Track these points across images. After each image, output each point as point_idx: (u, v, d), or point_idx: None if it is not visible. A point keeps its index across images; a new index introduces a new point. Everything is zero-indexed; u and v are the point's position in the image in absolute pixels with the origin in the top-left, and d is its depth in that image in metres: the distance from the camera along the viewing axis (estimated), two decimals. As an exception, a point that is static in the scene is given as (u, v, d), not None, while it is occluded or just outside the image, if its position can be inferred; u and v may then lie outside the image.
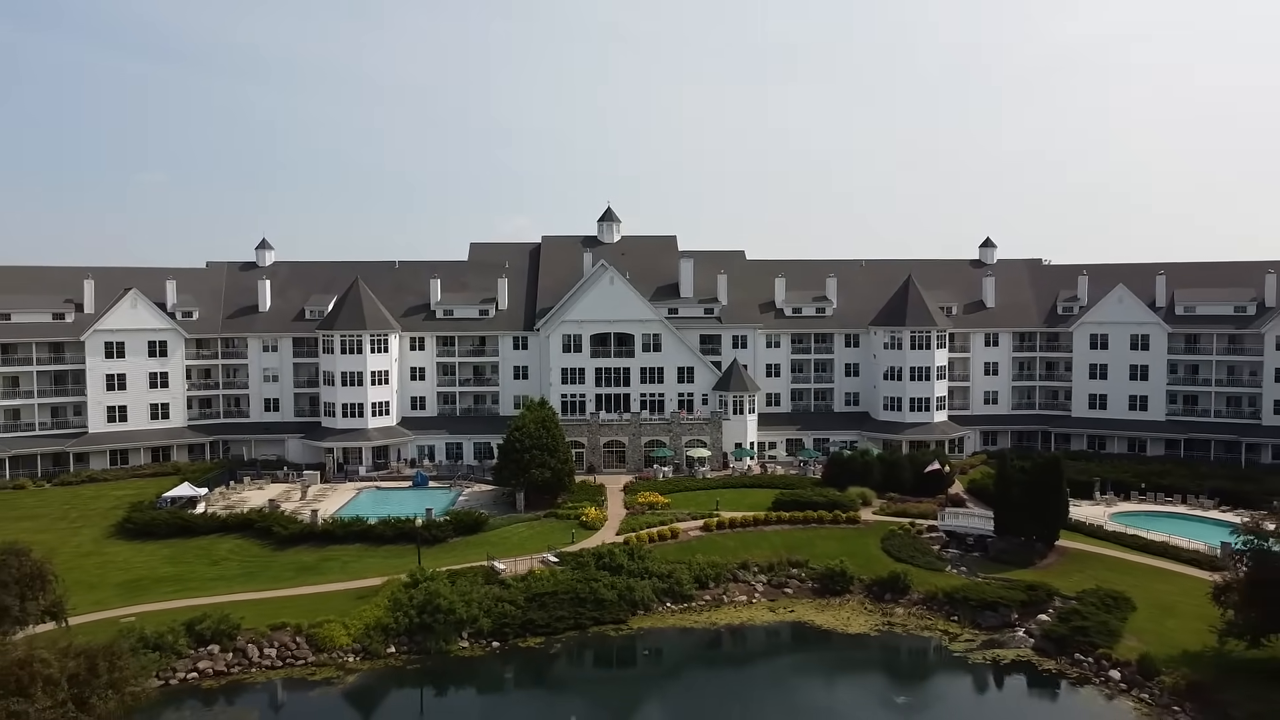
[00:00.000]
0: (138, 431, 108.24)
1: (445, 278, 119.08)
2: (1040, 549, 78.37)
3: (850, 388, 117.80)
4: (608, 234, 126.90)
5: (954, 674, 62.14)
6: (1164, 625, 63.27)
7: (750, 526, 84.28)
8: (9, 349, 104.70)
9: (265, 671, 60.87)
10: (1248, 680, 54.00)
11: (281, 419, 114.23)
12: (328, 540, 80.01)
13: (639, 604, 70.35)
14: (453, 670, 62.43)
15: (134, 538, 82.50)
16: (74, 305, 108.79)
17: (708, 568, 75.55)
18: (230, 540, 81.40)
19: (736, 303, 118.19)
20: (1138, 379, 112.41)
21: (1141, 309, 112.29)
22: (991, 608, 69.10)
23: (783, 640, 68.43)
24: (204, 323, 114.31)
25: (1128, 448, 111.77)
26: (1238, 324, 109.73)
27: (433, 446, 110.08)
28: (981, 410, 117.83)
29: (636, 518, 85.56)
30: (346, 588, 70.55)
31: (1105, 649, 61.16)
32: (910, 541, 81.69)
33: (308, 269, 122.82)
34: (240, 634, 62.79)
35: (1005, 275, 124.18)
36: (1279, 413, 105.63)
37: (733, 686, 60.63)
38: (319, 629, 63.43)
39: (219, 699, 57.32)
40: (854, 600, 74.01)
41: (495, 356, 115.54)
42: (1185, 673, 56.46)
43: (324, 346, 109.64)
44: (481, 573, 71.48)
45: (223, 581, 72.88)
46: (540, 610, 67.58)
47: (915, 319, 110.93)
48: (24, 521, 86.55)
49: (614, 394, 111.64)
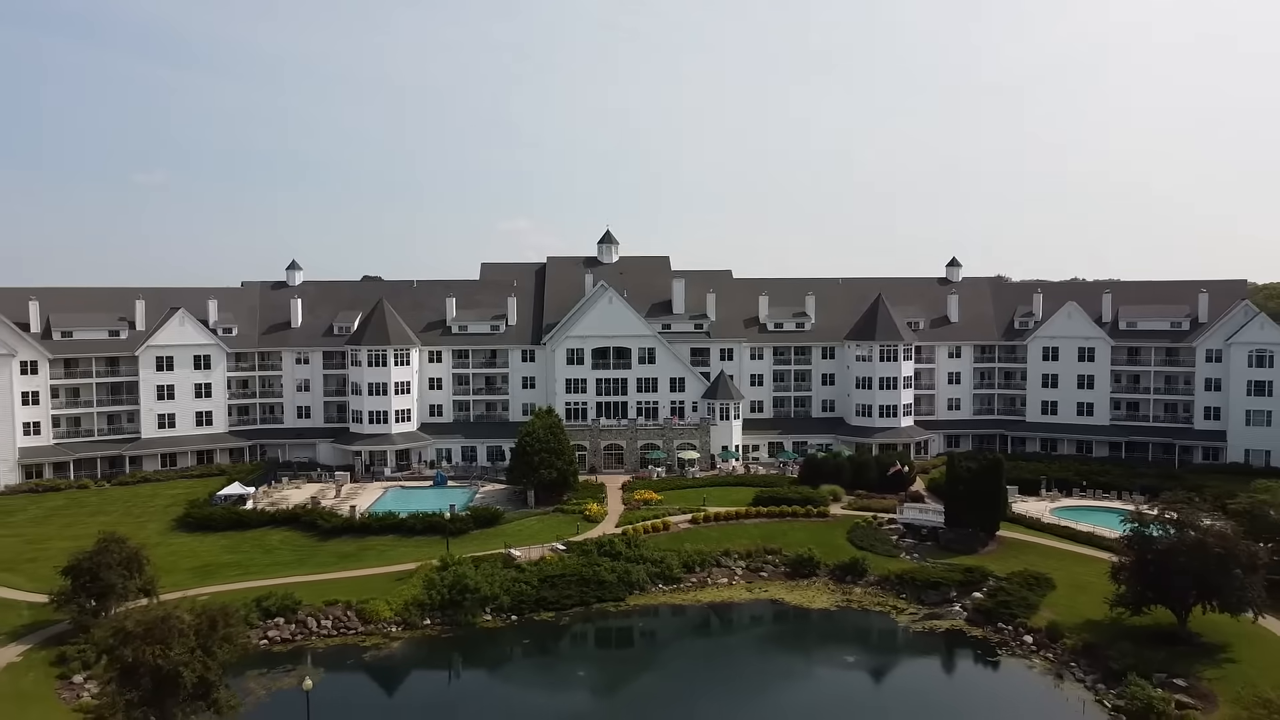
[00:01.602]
0: (185, 437, 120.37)
1: (460, 296, 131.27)
2: (983, 538, 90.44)
3: (827, 395, 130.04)
4: (607, 255, 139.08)
5: (897, 640, 74.49)
6: (1076, 600, 75.23)
7: (732, 520, 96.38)
8: (70, 363, 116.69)
9: (323, 639, 72.94)
10: (1129, 640, 66.12)
11: (313, 425, 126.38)
12: (365, 532, 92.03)
13: (635, 585, 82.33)
14: (478, 639, 74.52)
15: (194, 530, 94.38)
16: (127, 323, 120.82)
17: (694, 555, 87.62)
18: (280, 532, 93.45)
19: (724, 318, 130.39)
20: (1085, 388, 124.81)
21: (1089, 324, 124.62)
22: (934, 587, 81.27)
23: (757, 615, 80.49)
24: (242, 338, 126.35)
25: (1076, 449, 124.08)
26: (1174, 338, 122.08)
27: (450, 449, 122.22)
28: (945, 416, 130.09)
29: (633, 512, 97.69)
30: (385, 571, 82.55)
31: (1023, 619, 73.44)
32: (871, 532, 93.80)
33: (334, 288, 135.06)
34: (300, 609, 74.85)
35: (969, 292, 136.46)
36: (1208, 418, 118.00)
37: (714, 653, 73.06)
38: (366, 605, 75.58)
39: (287, 661, 69.23)
40: (820, 582, 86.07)
41: (505, 368, 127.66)
42: (1083, 636, 68.68)
43: (352, 360, 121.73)
44: (500, 559, 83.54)
45: (277, 566, 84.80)
46: (551, 590, 79.67)
47: (884, 334, 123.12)
48: (95, 517, 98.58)
49: (613, 402, 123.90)
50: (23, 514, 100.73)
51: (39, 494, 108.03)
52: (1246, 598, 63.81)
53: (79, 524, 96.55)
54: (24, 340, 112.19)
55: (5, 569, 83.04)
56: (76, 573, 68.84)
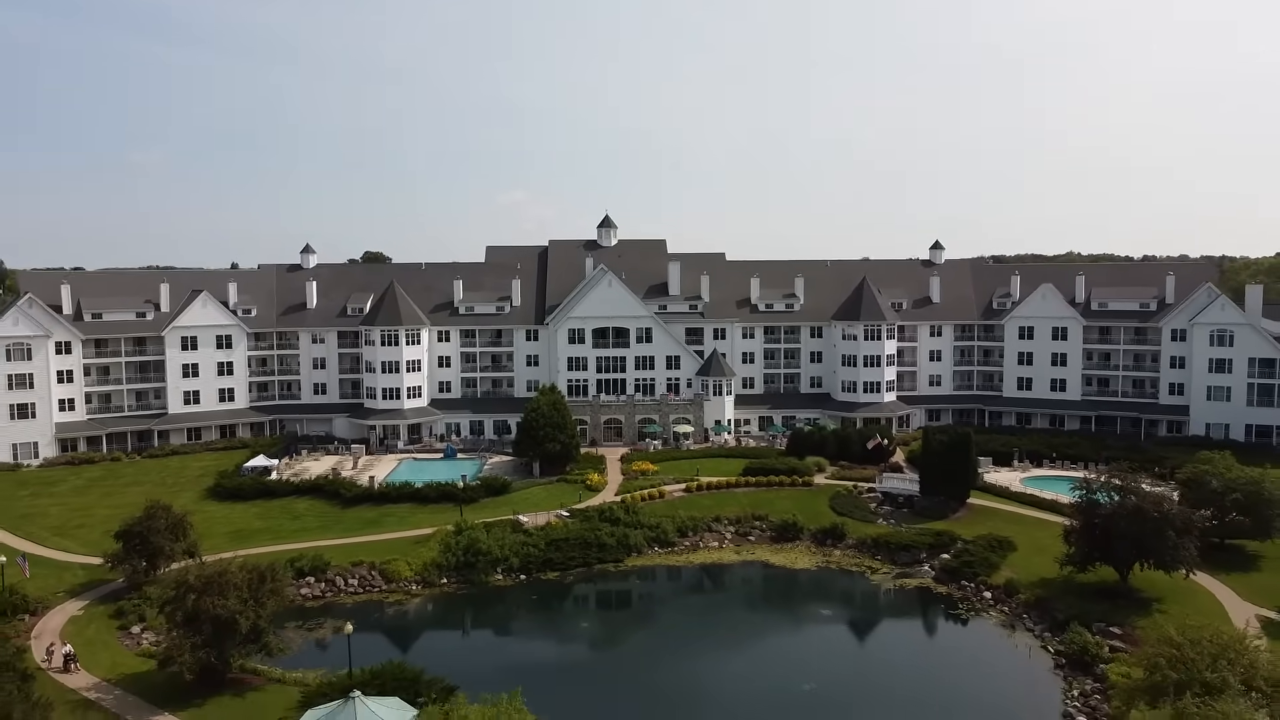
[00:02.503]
0: (209, 412, 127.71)
1: (466, 278, 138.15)
2: (954, 505, 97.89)
3: (814, 372, 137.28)
4: (606, 238, 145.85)
5: (869, 595, 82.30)
6: (1033, 561, 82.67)
7: (723, 489, 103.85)
8: (101, 343, 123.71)
9: (350, 596, 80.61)
10: (1075, 595, 73.78)
11: (328, 401, 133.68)
12: (384, 500, 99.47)
13: (633, 548, 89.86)
14: (491, 596, 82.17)
15: (225, 499, 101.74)
16: (153, 305, 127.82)
17: (688, 520, 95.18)
18: (304, 501, 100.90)
19: (717, 300, 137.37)
20: (1058, 365, 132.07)
21: (1062, 305, 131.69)
22: (907, 549, 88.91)
23: (744, 574, 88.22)
24: (260, 319, 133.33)
25: (1049, 423, 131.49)
26: (1142, 318, 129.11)
27: (459, 424, 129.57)
28: (927, 391, 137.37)
29: (631, 482, 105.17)
30: (405, 536, 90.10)
31: (984, 577, 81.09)
32: (852, 500, 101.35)
33: (346, 271, 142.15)
34: (329, 569, 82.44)
35: (950, 274, 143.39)
36: (1172, 394, 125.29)
37: (705, 609, 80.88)
38: (389, 565, 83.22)
39: (319, 615, 76.86)
40: (802, 545, 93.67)
41: (510, 347, 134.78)
42: (1036, 592, 76.33)
43: (365, 339, 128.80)
44: (509, 524, 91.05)
45: (305, 532, 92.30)
46: (556, 552, 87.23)
47: (868, 315, 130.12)
48: (131, 487, 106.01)
49: (612, 379, 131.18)
50: (64, 484, 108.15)
51: (76, 466, 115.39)
52: (1179, 557, 71.31)
53: (117, 493, 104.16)
54: (58, 322, 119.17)
55: (57, 534, 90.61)
56: (128, 537, 76.32)
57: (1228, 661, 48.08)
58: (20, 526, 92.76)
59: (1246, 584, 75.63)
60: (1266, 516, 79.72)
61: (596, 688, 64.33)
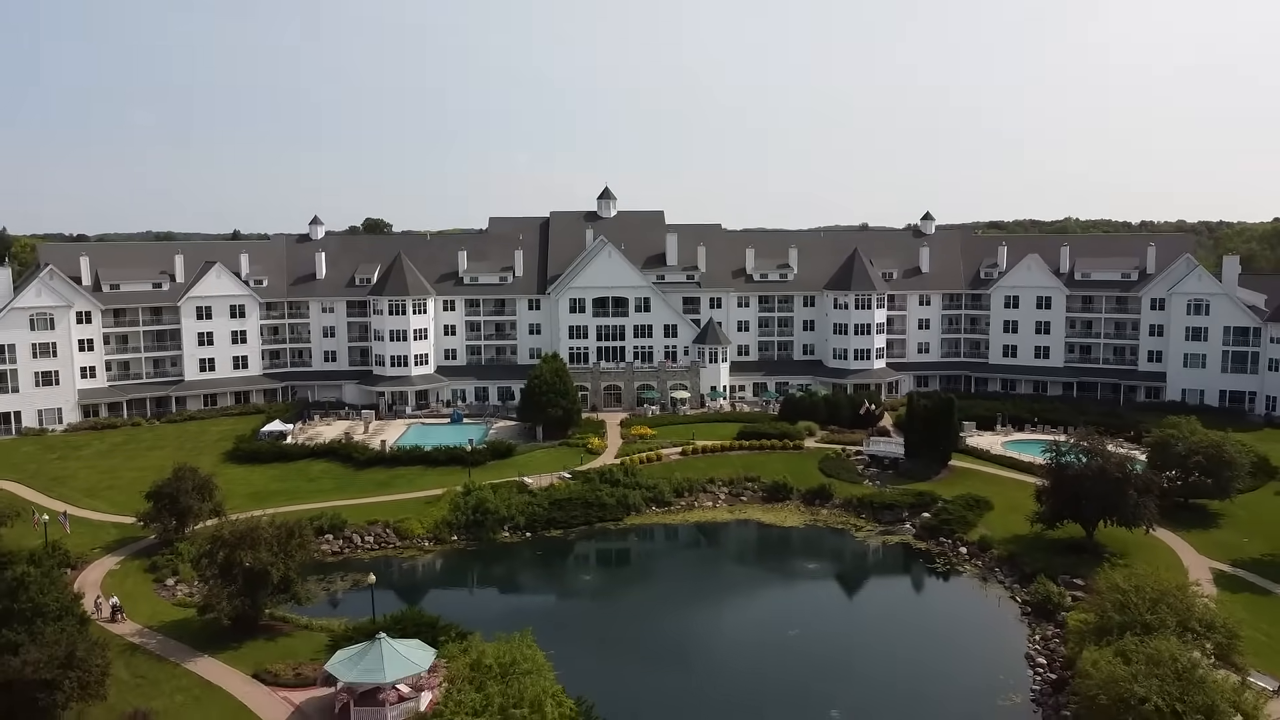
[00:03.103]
0: (224, 379, 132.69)
1: (470, 249, 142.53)
2: (936, 467, 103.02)
3: (807, 340, 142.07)
4: (606, 210, 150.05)
5: (853, 551, 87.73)
6: (1008, 519, 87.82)
7: (718, 452, 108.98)
8: (119, 313, 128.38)
9: (367, 552, 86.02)
10: (1043, 550, 79.13)
11: (338, 368, 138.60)
12: (395, 463, 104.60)
13: (632, 507, 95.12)
14: (498, 552, 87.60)
15: (243, 462, 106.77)
16: (168, 276, 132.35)
17: (684, 482, 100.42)
18: (320, 463, 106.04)
19: (713, 270, 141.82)
20: (1042, 333, 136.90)
21: (1047, 275, 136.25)
22: (890, 508, 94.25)
23: (737, 532, 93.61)
24: (272, 289, 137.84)
25: (1033, 389, 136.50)
26: (1123, 288, 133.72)
27: (464, 390, 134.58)
28: (915, 359, 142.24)
29: (630, 445, 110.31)
30: (416, 496, 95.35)
31: (961, 534, 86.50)
32: (840, 462, 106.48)
33: (354, 241, 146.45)
34: (346, 527, 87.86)
35: (940, 244, 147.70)
36: (1151, 361, 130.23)
37: (699, 563, 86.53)
38: (402, 523, 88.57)
39: (339, 569, 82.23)
40: (792, 505, 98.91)
41: (513, 316, 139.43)
42: (1009, 547, 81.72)
43: (374, 309, 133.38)
44: (514, 486, 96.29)
45: (321, 493, 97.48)
46: (559, 511, 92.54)
47: (859, 284, 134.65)
48: (153, 451, 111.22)
49: (612, 347, 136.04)
50: (89, 449, 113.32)
51: (99, 431, 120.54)
52: (1140, 514, 76.49)
53: (140, 457, 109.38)
54: (78, 292, 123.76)
55: (88, 495, 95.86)
56: (158, 497, 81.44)
57: (1167, 606, 53.45)
58: (52, 488, 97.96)
59: (1205, 540, 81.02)
60: (1226, 478, 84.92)
61: (598, 633, 69.77)
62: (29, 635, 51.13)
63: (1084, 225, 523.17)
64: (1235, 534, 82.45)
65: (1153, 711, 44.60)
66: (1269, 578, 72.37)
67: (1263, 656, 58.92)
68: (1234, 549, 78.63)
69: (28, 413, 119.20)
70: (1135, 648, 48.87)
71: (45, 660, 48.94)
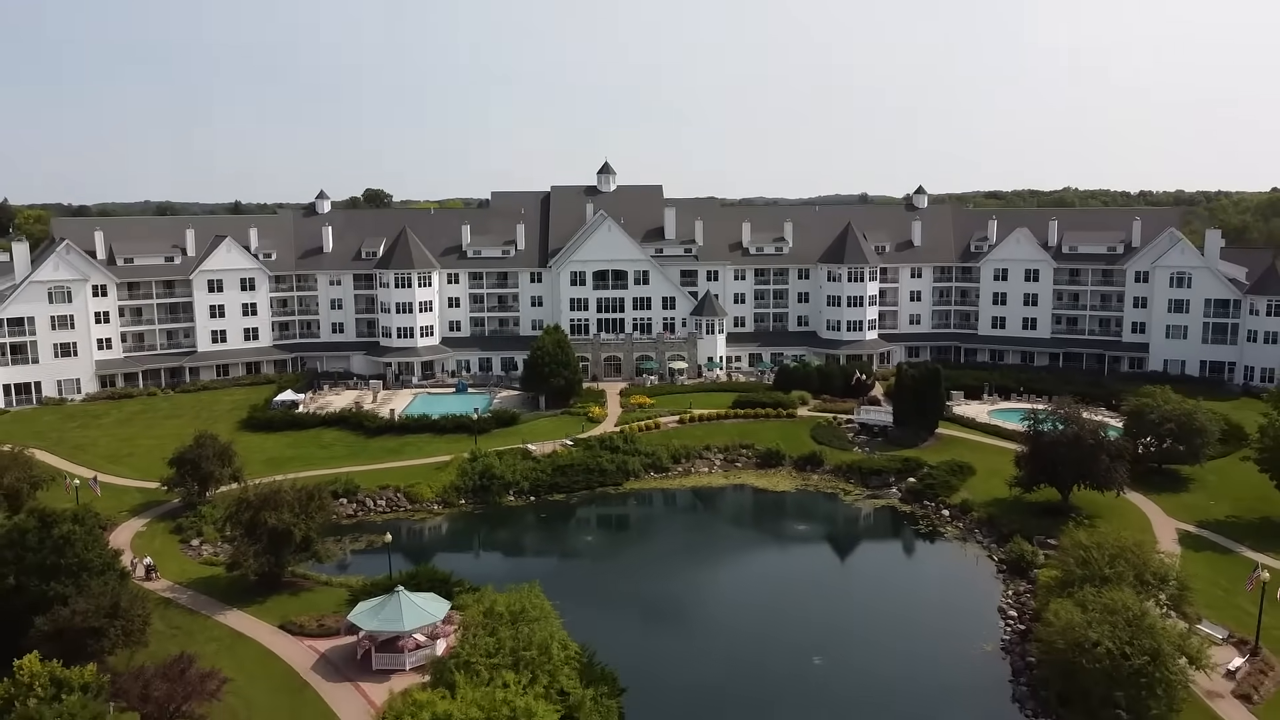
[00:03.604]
0: (235, 350, 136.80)
1: (473, 223, 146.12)
2: (924, 435, 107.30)
3: (801, 312, 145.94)
4: (605, 184, 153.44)
5: (841, 513, 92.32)
6: (989, 483, 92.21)
7: (714, 420, 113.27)
8: (133, 286, 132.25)
9: (380, 515, 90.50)
10: (1020, 513, 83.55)
11: (346, 339, 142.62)
12: (404, 431, 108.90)
13: (631, 473, 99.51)
14: (504, 514, 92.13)
15: (258, 430, 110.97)
16: (180, 250, 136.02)
17: (681, 448, 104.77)
18: (331, 431, 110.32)
19: (710, 243, 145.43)
20: (1030, 305, 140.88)
21: (1035, 248, 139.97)
22: (877, 474, 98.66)
23: (731, 496, 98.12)
24: (280, 262, 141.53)
25: (1021, 359, 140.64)
26: (1109, 261, 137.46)
27: (469, 361, 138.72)
28: (907, 330, 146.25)
29: (630, 414, 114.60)
30: (425, 463, 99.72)
31: (944, 498, 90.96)
32: (831, 430, 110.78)
33: (359, 215, 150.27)
34: (359, 492, 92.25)
35: (931, 218, 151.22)
36: (1135, 332, 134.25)
37: (695, 525, 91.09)
38: (413, 488, 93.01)
39: (354, 531, 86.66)
40: (784, 470, 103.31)
41: (516, 288, 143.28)
42: (988, 510, 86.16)
43: (380, 282, 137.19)
44: (519, 452, 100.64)
45: (334, 459, 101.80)
46: (562, 476, 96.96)
47: (852, 258, 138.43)
48: (170, 420, 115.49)
49: (612, 319, 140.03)
50: (108, 417, 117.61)
51: (116, 400, 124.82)
52: (1112, 479, 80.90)
53: (157, 425, 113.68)
54: (94, 266, 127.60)
55: (110, 461, 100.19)
56: (181, 463, 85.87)
57: (1124, 561, 57.87)
58: (76, 455, 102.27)
59: (1174, 503, 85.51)
60: (1196, 444, 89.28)
61: (599, 590, 74.26)
62: (75, 588, 55.54)
63: (1082, 196, 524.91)
64: (1204, 497, 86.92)
65: (1104, 654, 49.06)
66: (1230, 537, 76.86)
67: (1217, 609, 63.55)
68: (1201, 511, 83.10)
69: (48, 383, 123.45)
70: (1092, 598, 53.34)
71: (93, 610, 53.34)
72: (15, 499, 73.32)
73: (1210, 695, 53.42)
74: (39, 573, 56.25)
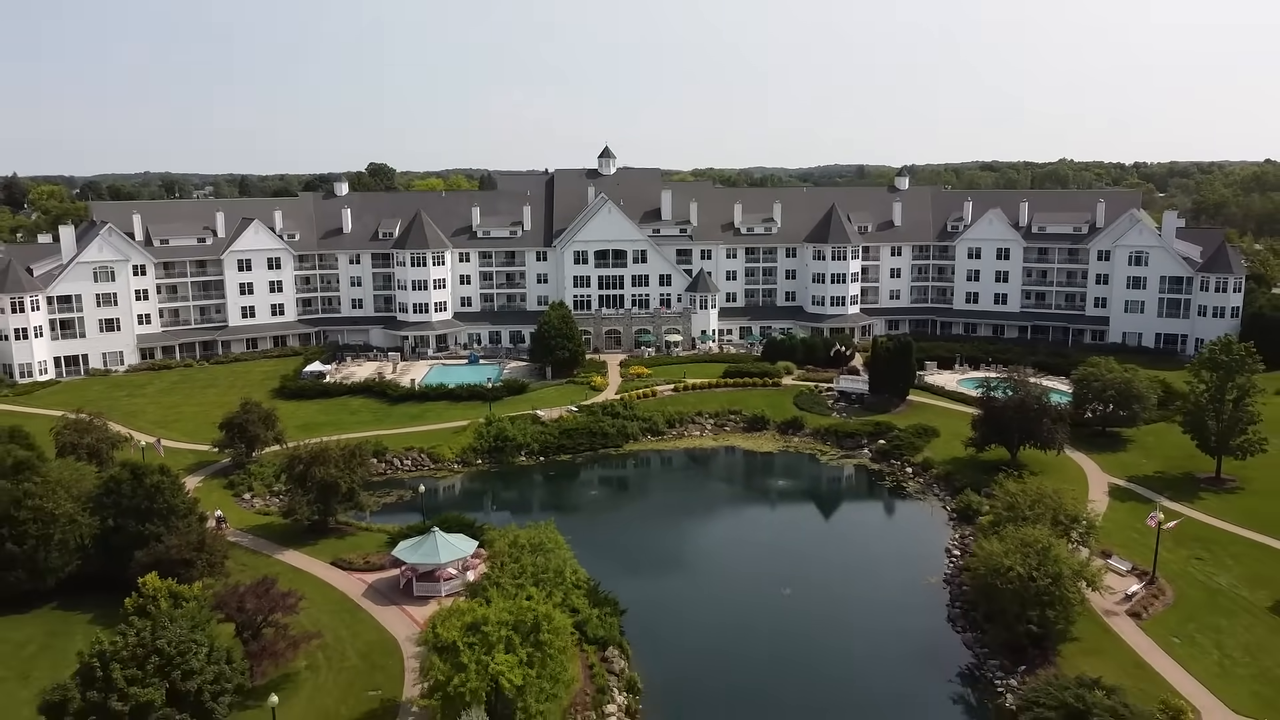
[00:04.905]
0: (263, 325, 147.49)
1: (482, 205, 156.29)
2: (896, 402, 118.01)
3: (788, 288, 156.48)
4: (606, 168, 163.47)
5: (818, 470, 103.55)
6: (950, 444, 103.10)
7: (706, 388, 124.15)
8: (169, 265, 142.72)
9: (407, 473, 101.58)
10: (974, 469, 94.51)
11: (365, 314, 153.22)
12: (424, 399, 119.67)
13: (630, 436, 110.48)
14: (516, 473, 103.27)
15: (290, 398, 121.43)
16: (211, 231, 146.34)
17: (675, 414, 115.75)
18: (357, 399, 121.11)
19: (704, 224, 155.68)
20: (1001, 281, 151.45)
21: (1006, 228, 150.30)
22: (851, 436, 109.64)
23: (720, 456, 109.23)
24: (303, 242, 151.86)
25: (992, 332, 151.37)
26: (1075, 240, 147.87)
27: (479, 334, 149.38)
28: (887, 304, 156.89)
29: (629, 383, 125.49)
30: (444, 427, 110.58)
31: (909, 457, 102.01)
32: (812, 398, 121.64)
33: (375, 198, 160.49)
34: (387, 453, 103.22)
35: (911, 200, 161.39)
36: (1097, 307, 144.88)
37: (686, 479, 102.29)
38: (434, 449, 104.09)
39: (385, 486, 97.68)
40: (769, 434, 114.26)
41: (523, 266, 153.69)
42: (946, 467, 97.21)
43: (397, 261, 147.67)
44: (529, 418, 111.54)
45: (362, 424, 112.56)
46: (568, 439, 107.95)
47: (836, 238, 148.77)
48: (208, 389, 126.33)
49: (612, 294, 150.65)
50: (151, 387, 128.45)
51: (156, 371, 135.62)
52: (1053, 439, 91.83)
53: (197, 394, 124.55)
54: (133, 247, 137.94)
55: (159, 426, 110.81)
56: (229, 427, 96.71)
57: (1043, 505, 68.95)
58: (129, 421, 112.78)
59: (1111, 460, 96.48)
60: (1134, 409, 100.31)
61: (603, 535, 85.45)
62: (165, 528, 66.67)
63: (1075, 167, 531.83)
64: (1138, 456, 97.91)
65: (1015, 577, 60.16)
66: (1153, 489, 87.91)
67: (1130, 548, 74.68)
68: (1133, 468, 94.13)
69: (94, 355, 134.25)
70: (1011, 534, 64.46)
71: (184, 545, 64.51)
72: (97, 456, 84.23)
73: (1108, 614, 64.72)
74: (134, 515, 67.38)
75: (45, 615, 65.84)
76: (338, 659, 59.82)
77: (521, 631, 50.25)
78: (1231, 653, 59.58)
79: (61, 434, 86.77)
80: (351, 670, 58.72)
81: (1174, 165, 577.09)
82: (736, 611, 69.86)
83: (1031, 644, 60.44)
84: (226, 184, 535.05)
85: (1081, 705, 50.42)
